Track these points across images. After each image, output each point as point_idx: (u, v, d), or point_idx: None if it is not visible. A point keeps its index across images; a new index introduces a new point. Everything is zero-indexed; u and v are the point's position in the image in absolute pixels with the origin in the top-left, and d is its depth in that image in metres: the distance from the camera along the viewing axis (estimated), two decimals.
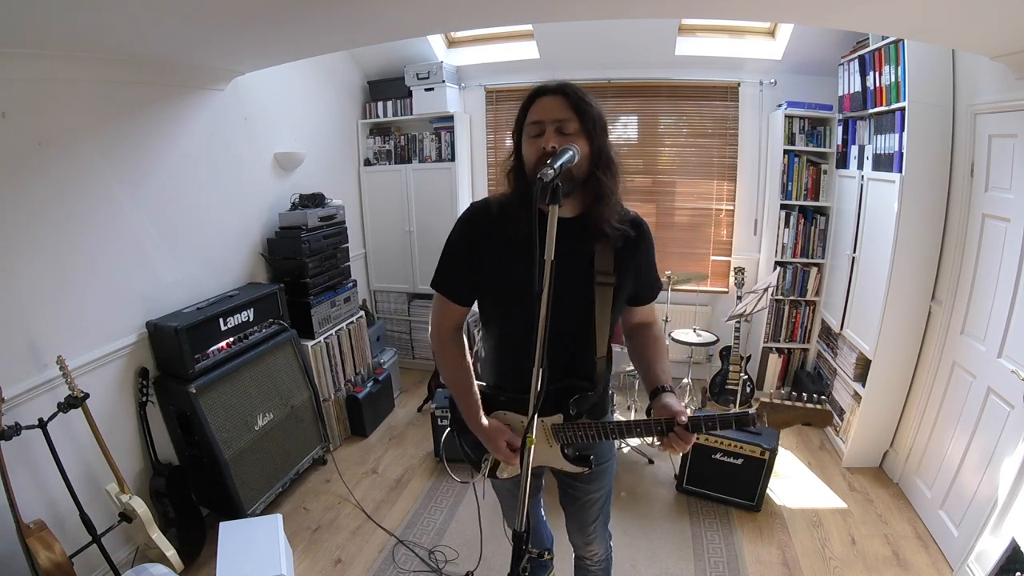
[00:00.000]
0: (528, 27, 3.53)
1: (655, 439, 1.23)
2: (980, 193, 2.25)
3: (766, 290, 3.13)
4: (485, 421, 1.34)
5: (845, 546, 2.39)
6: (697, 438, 2.95)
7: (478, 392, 1.37)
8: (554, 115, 1.17)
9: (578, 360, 1.30)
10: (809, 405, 1.16)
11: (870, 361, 2.76)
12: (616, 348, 3.24)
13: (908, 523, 2.50)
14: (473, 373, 1.40)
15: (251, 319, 2.66)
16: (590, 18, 2.79)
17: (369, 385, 3.48)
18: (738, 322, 3.33)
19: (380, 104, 4.05)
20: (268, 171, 3.19)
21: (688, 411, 1.25)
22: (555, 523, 1.85)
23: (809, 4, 1.97)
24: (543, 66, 3.71)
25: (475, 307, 1.41)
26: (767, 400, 1.19)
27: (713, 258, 3.93)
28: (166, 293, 2.49)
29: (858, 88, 2.90)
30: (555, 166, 0.99)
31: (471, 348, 1.49)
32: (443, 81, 3.75)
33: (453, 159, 3.92)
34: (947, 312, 2.45)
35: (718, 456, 2.62)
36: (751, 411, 1.18)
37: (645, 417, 1.25)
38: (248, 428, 2.54)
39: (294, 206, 3.17)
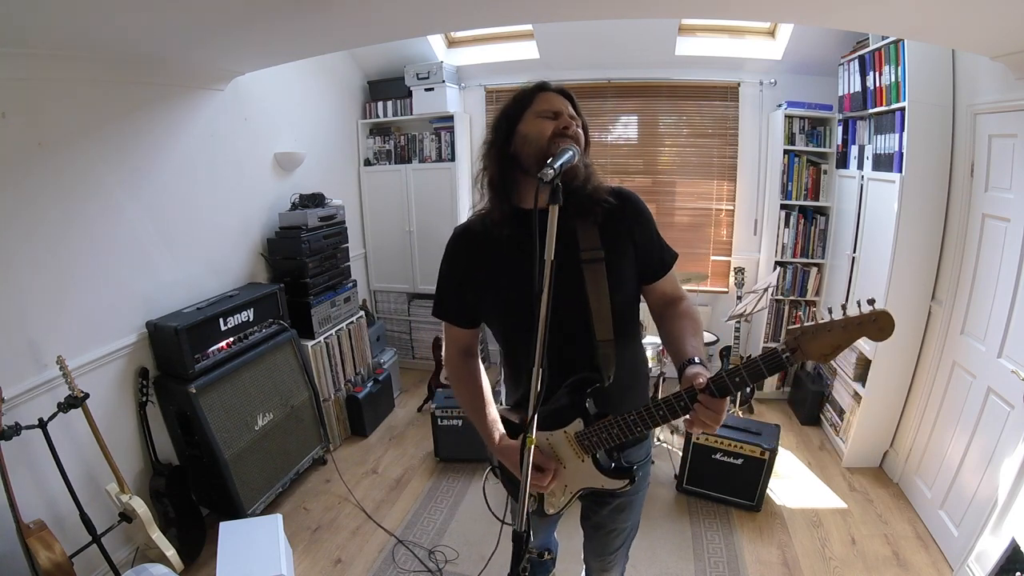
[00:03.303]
0: (528, 27, 3.53)
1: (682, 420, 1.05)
2: (980, 193, 2.25)
3: (766, 290, 3.13)
4: (506, 441, 1.26)
5: (845, 546, 2.39)
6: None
7: (496, 413, 1.31)
8: (567, 110, 1.19)
9: (579, 349, 1.19)
10: (854, 314, 0.87)
11: (870, 361, 2.76)
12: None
13: (908, 523, 2.50)
14: (489, 394, 1.35)
15: (251, 319, 2.66)
16: (590, 18, 2.79)
17: (369, 385, 3.48)
18: (738, 322, 3.34)
19: (380, 104, 4.05)
20: (268, 171, 3.19)
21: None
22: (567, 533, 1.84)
23: (809, 4, 1.97)
24: (543, 66, 3.71)
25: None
26: (796, 327, 0.91)
27: (713, 258, 3.93)
28: (166, 293, 2.49)
29: (858, 88, 2.90)
30: (555, 166, 0.98)
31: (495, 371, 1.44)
32: (443, 81, 3.75)
33: (453, 159, 3.92)
34: (947, 312, 2.45)
35: (718, 456, 2.62)
36: (779, 346, 0.94)
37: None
38: (248, 428, 2.54)
39: (294, 206, 3.17)
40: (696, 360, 1.09)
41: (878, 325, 0.85)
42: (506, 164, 1.20)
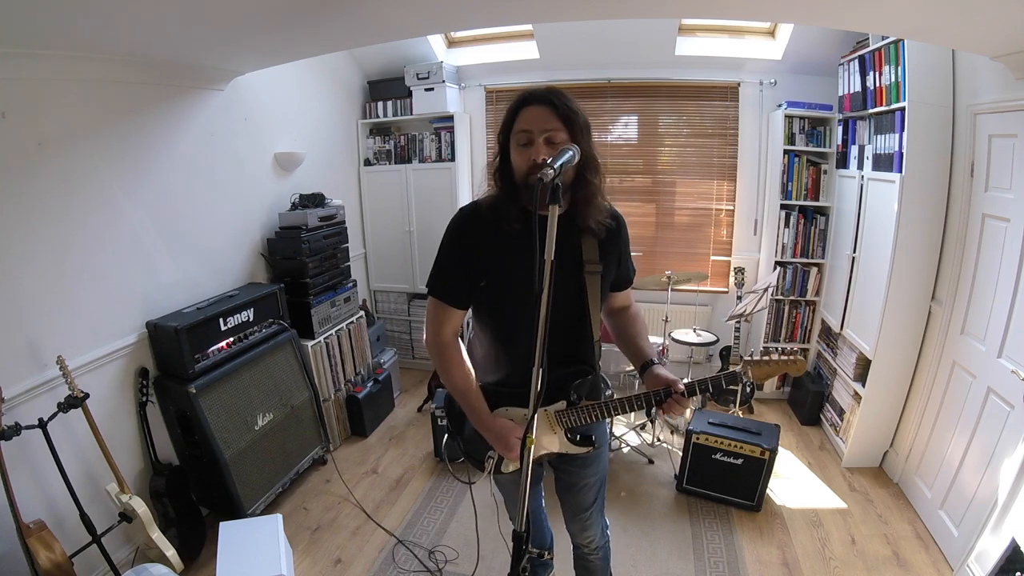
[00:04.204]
0: (528, 27, 3.52)
1: (655, 408, 1.34)
2: (980, 193, 2.25)
3: (766, 290, 3.13)
4: (500, 422, 1.35)
5: (845, 546, 2.39)
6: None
7: (480, 393, 1.38)
8: (542, 125, 1.20)
9: (579, 346, 1.38)
10: (784, 357, 1.33)
11: (870, 361, 2.76)
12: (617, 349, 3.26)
13: (908, 523, 2.50)
14: (474, 375, 1.40)
15: (251, 319, 2.66)
16: (590, 18, 2.78)
17: (369, 385, 3.48)
18: (738, 322, 3.34)
19: (380, 104, 4.05)
20: (268, 171, 3.19)
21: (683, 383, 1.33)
22: (555, 521, 1.84)
23: (809, 4, 1.97)
24: (543, 66, 3.71)
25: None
26: (748, 358, 1.35)
27: (713, 258, 3.93)
28: (166, 293, 2.49)
29: (858, 88, 2.90)
30: (555, 166, 1.00)
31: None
32: (443, 81, 3.74)
33: (453, 159, 3.92)
34: (947, 312, 2.45)
35: (718, 456, 2.62)
36: (737, 369, 1.32)
37: (638, 391, 1.35)
38: (248, 428, 2.54)
39: (294, 206, 3.17)
40: (655, 360, 1.41)
41: (796, 366, 1.33)
42: (509, 178, 1.29)
